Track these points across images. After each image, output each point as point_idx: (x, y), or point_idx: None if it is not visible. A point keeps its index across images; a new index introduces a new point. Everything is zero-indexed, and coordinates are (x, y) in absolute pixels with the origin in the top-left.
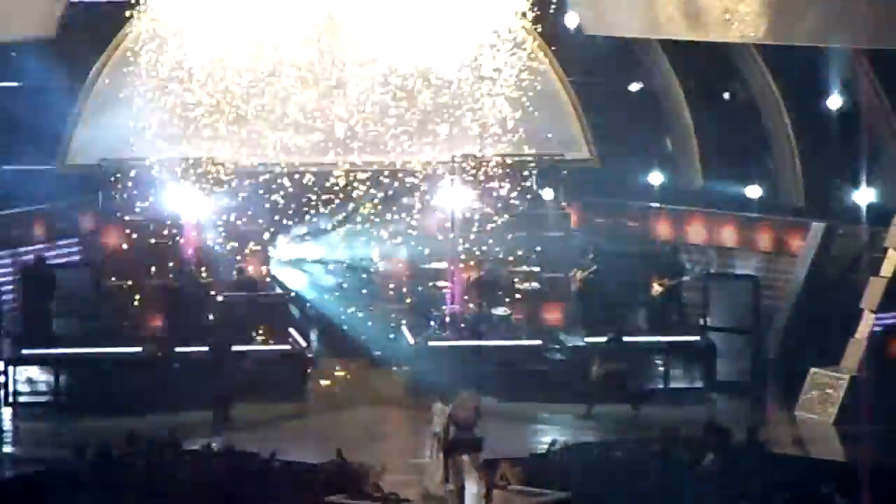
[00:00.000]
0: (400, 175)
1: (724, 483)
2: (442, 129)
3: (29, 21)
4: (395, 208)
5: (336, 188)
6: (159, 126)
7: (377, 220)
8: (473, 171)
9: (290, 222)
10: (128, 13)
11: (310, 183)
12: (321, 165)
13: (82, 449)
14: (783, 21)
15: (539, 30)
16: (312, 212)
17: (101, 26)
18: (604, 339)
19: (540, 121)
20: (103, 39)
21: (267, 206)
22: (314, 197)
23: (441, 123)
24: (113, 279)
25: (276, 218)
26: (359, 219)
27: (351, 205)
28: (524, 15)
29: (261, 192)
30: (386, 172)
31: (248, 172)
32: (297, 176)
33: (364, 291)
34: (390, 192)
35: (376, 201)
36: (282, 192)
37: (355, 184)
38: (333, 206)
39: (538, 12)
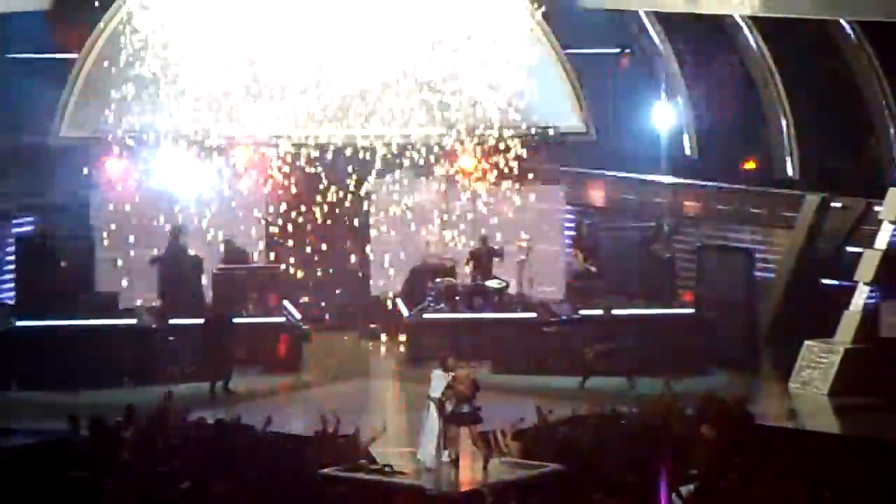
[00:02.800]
0: (394, 147)
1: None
2: (435, 102)
3: None
4: (389, 181)
5: (334, 160)
6: (153, 98)
7: (373, 192)
8: (468, 144)
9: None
10: None
11: (307, 155)
12: (317, 138)
13: (77, 420)
14: None
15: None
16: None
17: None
18: (598, 311)
19: (534, 92)
20: (97, 10)
21: (264, 178)
22: (310, 169)
23: (434, 95)
24: (108, 251)
25: (276, 190)
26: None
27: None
28: None
29: (257, 164)
30: (380, 145)
31: (242, 145)
32: (293, 148)
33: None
34: (385, 165)
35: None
36: (280, 165)
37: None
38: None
39: None
